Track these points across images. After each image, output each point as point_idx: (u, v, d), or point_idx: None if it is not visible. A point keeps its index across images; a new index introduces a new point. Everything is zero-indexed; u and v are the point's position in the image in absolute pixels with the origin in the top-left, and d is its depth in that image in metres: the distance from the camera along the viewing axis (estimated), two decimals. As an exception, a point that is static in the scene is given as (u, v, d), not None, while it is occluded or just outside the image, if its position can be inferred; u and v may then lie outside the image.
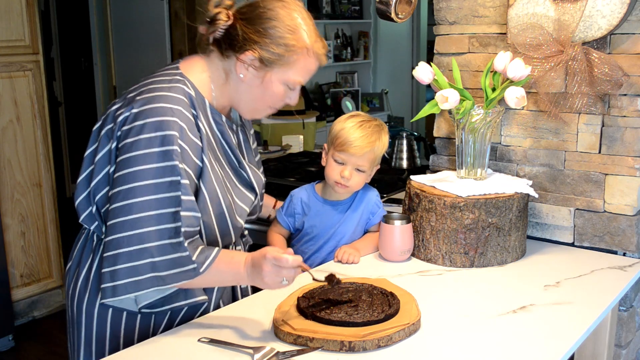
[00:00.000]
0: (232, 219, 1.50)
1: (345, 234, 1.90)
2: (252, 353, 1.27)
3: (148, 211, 1.33)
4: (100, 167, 1.43)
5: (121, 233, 1.34)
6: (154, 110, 1.35)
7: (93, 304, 1.48)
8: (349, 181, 1.83)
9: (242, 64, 1.43)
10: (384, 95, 6.08)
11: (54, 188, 3.59)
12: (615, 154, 1.83)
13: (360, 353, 1.29)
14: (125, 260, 1.34)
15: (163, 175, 1.33)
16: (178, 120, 1.36)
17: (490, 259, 1.78)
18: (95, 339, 1.50)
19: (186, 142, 1.37)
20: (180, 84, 1.42)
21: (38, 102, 3.46)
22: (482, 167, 1.90)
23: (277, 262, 1.29)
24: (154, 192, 1.33)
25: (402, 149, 2.86)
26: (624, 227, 1.83)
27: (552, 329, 1.40)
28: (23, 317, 3.52)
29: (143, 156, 1.33)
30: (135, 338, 1.48)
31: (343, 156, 1.82)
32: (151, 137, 1.33)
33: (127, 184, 1.33)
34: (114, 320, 1.48)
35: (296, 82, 1.47)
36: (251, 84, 1.45)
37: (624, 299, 1.84)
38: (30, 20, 3.38)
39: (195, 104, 1.42)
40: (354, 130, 1.81)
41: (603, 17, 1.74)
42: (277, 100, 1.48)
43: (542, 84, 1.86)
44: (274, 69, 1.43)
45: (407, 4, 2.11)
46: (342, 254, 1.80)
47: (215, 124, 1.49)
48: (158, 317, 1.49)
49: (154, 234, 1.33)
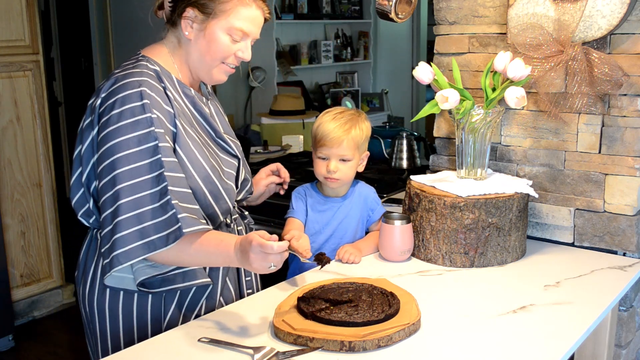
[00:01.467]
0: (220, 180, 1.53)
1: (347, 230, 1.90)
2: (252, 353, 1.27)
3: (130, 180, 1.36)
4: (87, 159, 1.47)
5: (111, 207, 1.37)
6: (121, 86, 1.42)
7: (103, 300, 1.52)
8: (336, 174, 1.84)
9: (185, 22, 1.49)
10: (384, 95, 6.08)
11: (54, 188, 3.59)
12: (615, 154, 1.83)
13: (360, 353, 1.29)
14: (117, 231, 1.36)
15: (139, 144, 1.38)
16: (147, 89, 1.42)
17: (490, 259, 1.78)
18: (110, 335, 1.53)
19: (158, 110, 1.42)
20: (143, 61, 1.50)
21: (38, 102, 3.46)
22: (482, 167, 1.90)
23: (262, 249, 1.30)
24: (134, 161, 1.37)
25: (402, 149, 2.86)
26: (624, 227, 1.83)
27: (552, 329, 1.40)
28: (23, 317, 3.52)
29: (118, 129, 1.38)
30: (149, 323, 1.52)
31: (324, 151, 1.85)
32: (123, 109, 1.39)
33: (108, 159, 1.38)
34: (125, 311, 1.52)
35: (237, 29, 1.49)
36: (197, 40, 1.51)
37: (624, 299, 1.84)
38: (30, 20, 3.38)
39: (161, 77, 1.49)
40: (328, 123, 1.85)
41: (603, 17, 1.75)
42: (225, 51, 1.50)
43: (542, 84, 1.86)
44: (214, 19, 1.48)
45: (407, 4, 2.11)
46: (344, 253, 1.80)
47: (185, 96, 1.54)
48: (167, 302, 1.52)
49: (140, 200, 1.36)
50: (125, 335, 1.53)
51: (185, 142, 1.46)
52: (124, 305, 1.52)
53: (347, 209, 1.91)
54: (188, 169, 1.45)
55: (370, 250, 1.88)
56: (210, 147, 1.56)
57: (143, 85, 1.42)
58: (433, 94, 1.87)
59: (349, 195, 1.92)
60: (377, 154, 2.97)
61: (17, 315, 3.45)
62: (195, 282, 1.50)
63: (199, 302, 1.55)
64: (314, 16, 5.73)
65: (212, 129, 1.59)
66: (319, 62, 5.73)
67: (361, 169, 1.93)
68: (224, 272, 1.59)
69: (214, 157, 1.55)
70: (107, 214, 1.38)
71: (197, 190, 1.47)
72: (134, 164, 1.37)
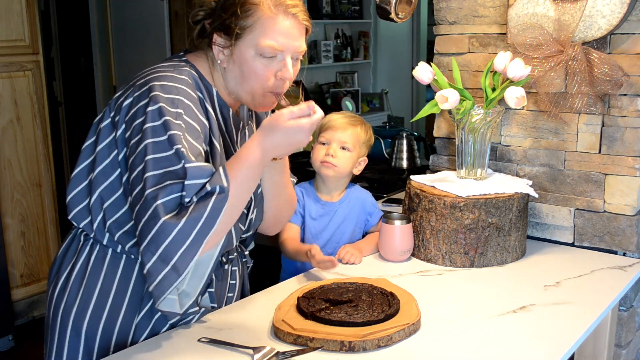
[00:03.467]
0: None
1: (345, 234, 1.90)
2: (252, 353, 1.27)
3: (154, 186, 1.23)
4: (103, 156, 1.36)
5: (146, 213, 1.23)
6: (159, 88, 1.30)
7: (69, 313, 1.41)
8: (334, 159, 1.85)
9: (217, 50, 1.38)
10: (384, 95, 6.08)
11: (54, 188, 3.59)
12: (615, 154, 1.83)
13: (360, 353, 1.29)
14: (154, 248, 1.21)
15: (166, 149, 1.24)
16: (183, 98, 1.30)
17: (490, 259, 1.78)
18: (67, 347, 1.41)
19: (193, 119, 1.30)
20: (186, 67, 1.39)
21: (38, 102, 3.46)
22: (482, 167, 1.90)
23: (298, 124, 1.24)
24: (160, 167, 1.24)
25: (402, 149, 2.86)
26: (624, 227, 1.83)
27: (552, 329, 1.40)
28: (23, 317, 3.51)
29: (151, 129, 1.26)
30: (112, 347, 1.40)
31: (327, 135, 1.88)
32: (153, 109, 1.27)
33: (140, 165, 1.25)
34: (88, 335, 1.40)
35: (267, 46, 1.33)
36: (229, 67, 1.39)
37: (624, 299, 1.84)
38: (30, 20, 3.38)
39: (201, 87, 1.38)
40: (336, 115, 1.92)
41: (603, 17, 1.74)
42: (260, 74, 1.36)
43: (542, 84, 1.86)
44: (239, 40, 1.35)
45: (407, 4, 2.11)
46: (345, 253, 1.80)
47: (222, 117, 1.43)
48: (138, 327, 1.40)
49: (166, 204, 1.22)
50: (85, 355, 1.40)
51: (215, 158, 1.34)
52: (89, 322, 1.39)
53: (344, 212, 1.91)
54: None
55: (370, 250, 1.88)
56: None
57: (180, 94, 1.30)
58: (433, 94, 1.87)
59: (345, 199, 1.93)
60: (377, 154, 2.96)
61: (17, 315, 3.45)
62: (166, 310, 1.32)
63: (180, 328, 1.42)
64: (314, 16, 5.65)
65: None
66: (319, 62, 5.72)
67: (357, 172, 1.93)
68: (202, 315, 1.45)
69: None
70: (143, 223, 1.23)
71: None
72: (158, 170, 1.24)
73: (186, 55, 1.46)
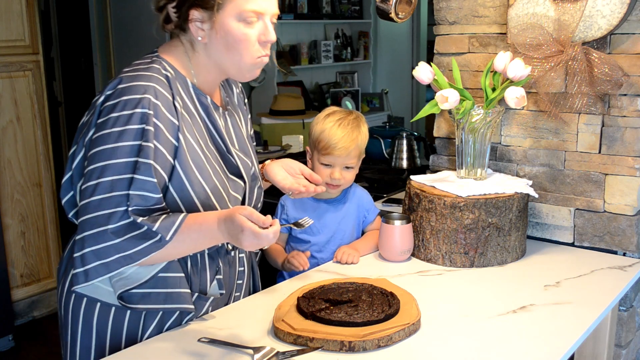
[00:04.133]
0: (220, 203, 1.43)
1: (346, 231, 1.90)
2: (252, 353, 1.27)
3: (105, 193, 1.30)
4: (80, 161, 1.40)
5: (86, 215, 1.31)
6: (125, 89, 1.33)
7: (79, 305, 1.43)
8: (341, 181, 1.84)
9: (194, 26, 1.39)
10: (384, 95, 6.08)
11: (54, 188, 3.59)
12: (615, 154, 1.83)
13: (360, 353, 1.29)
14: (92, 243, 1.30)
15: (122, 156, 1.30)
16: (152, 97, 1.33)
17: (490, 259, 1.78)
18: (80, 346, 1.44)
19: (161, 120, 1.33)
20: (156, 64, 1.40)
21: (38, 102, 3.46)
22: (482, 167, 1.90)
23: (256, 237, 1.26)
24: (112, 174, 1.30)
25: (402, 149, 2.86)
26: (624, 227, 1.83)
27: (552, 329, 1.40)
28: (23, 317, 3.52)
29: (110, 135, 1.31)
30: (123, 341, 1.42)
31: (330, 159, 1.83)
32: (121, 115, 1.31)
33: (94, 164, 1.31)
34: (100, 322, 1.42)
35: (250, 10, 1.37)
36: (211, 40, 1.40)
37: (624, 299, 1.84)
38: (30, 20, 3.38)
39: (172, 83, 1.40)
40: (335, 130, 1.81)
41: (603, 17, 1.74)
42: (245, 40, 1.38)
43: (542, 84, 1.86)
44: (220, 11, 1.37)
45: (407, 4, 2.11)
46: (342, 254, 1.80)
47: (200, 104, 1.45)
48: (147, 321, 1.43)
49: (110, 216, 1.29)
50: (97, 350, 1.43)
51: (185, 160, 1.37)
52: (99, 316, 1.42)
53: (344, 210, 1.91)
54: (186, 189, 1.37)
55: (367, 250, 1.88)
56: (218, 164, 1.46)
57: (148, 92, 1.33)
58: (433, 94, 1.87)
59: (344, 197, 1.92)
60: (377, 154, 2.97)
61: (17, 315, 3.45)
62: (177, 306, 1.41)
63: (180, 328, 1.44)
64: (314, 16, 5.73)
65: (224, 143, 1.48)
66: (319, 62, 5.73)
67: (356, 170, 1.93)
68: (212, 304, 1.49)
69: (220, 177, 1.45)
70: (84, 219, 1.32)
71: (192, 209, 1.38)
72: (111, 176, 1.30)
73: (159, 48, 1.47)
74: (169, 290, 1.40)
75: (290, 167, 1.69)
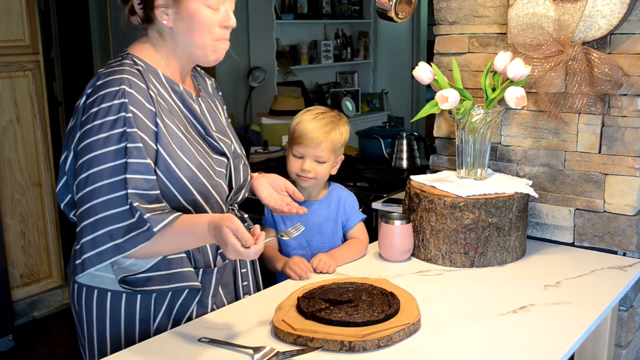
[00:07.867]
0: (209, 179, 1.49)
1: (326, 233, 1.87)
2: (252, 353, 1.27)
3: (100, 181, 1.35)
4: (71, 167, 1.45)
5: (82, 206, 1.37)
6: (102, 85, 1.40)
7: (91, 299, 1.49)
8: (310, 173, 1.83)
9: (159, 12, 1.45)
10: (384, 95, 6.08)
11: (54, 188, 3.59)
12: (615, 154, 1.83)
13: (360, 353, 1.29)
14: (88, 233, 1.36)
15: (111, 144, 1.36)
16: (126, 87, 1.39)
17: (490, 259, 1.78)
18: (97, 338, 1.50)
19: (138, 108, 1.39)
20: (127, 60, 1.46)
21: (38, 102, 3.46)
22: (482, 167, 1.90)
23: (239, 255, 1.29)
24: (105, 162, 1.35)
25: (402, 149, 2.86)
26: (624, 227, 1.83)
27: (552, 329, 1.40)
28: (23, 317, 3.52)
29: (94, 128, 1.37)
30: (137, 327, 1.48)
31: (300, 149, 1.83)
32: (100, 108, 1.37)
33: (84, 157, 1.37)
34: (113, 311, 1.48)
35: None
36: (177, 24, 1.46)
37: (624, 299, 1.84)
38: (30, 20, 3.38)
39: (145, 75, 1.45)
40: (309, 122, 1.83)
41: (603, 17, 1.74)
42: (208, 24, 1.45)
43: (542, 84, 1.86)
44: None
45: (407, 4, 2.11)
46: (318, 262, 1.76)
47: (174, 92, 1.51)
48: (157, 305, 1.48)
49: (106, 203, 1.35)
50: (112, 339, 1.49)
51: (167, 142, 1.42)
52: (111, 306, 1.48)
53: (325, 212, 1.88)
54: (172, 170, 1.42)
55: (345, 259, 1.82)
56: (200, 146, 1.52)
57: (123, 84, 1.39)
58: (433, 94, 1.87)
59: (325, 199, 1.90)
60: (377, 154, 2.97)
61: (17, 315, 3.45)
62: (183, 284, 1.46)
63: (189, 308, 1.50)
64: (314, 16, 5.73)
65: (202, 126, 1.54)
66: (319, 62, 5.73)
67: (334, 171, 1.90)
68: (218, 276, 1.54)
69: (204, 156, 1.50)
70: (80, 212, 1.37)
71: (184, 191, 1.43)
72: (102, 165, 1.36)
73: (129, 48, 1.53)
74: (172, 271, 1.46)
75: (275, 183, 1.78)
